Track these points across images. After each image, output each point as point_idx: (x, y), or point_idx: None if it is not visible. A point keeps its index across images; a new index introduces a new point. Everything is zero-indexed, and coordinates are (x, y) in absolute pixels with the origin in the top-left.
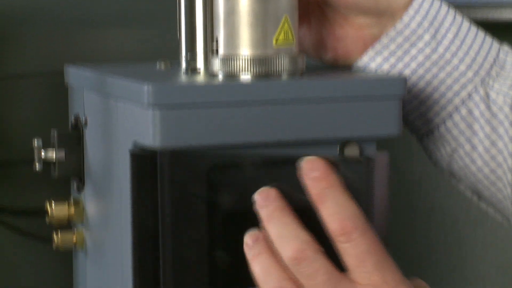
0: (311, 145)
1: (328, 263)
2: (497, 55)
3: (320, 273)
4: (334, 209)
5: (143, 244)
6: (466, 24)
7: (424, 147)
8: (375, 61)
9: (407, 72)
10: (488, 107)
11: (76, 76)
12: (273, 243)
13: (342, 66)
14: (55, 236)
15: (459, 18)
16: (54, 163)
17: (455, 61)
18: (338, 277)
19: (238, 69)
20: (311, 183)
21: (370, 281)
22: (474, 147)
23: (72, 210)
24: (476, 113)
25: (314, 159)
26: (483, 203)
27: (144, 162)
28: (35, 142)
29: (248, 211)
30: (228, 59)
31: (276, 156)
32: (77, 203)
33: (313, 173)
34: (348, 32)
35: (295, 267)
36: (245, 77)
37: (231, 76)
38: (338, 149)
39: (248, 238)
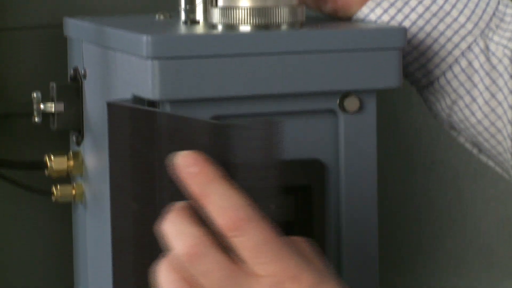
0: (311, 97)
1: (223, 258)
2: (497, 7)
3: (215, 269)
4: (221, 203)
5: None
6: None
7: (424, 99)
8: (375, 12)
9: (406, 23)
10: (488, 59)
11: (75, 28)
12: (169, 246)
13: (341, 17)
14: (54, 189)
15: None
16: (53, 116)
17: (455, 12)
18: (236, 272)
19: (237, 20)
20: (191, 180)
21: (270, 272)
22: (474, 99)
23: (71, 163)
24: (476, 64)
25: (190, 153)
26: (483, 155)
27: (121, 113)
28: (34, 94)
29: (247, 164)
30: (228, 10)
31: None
32: (76, 156)
33: (192, 168)
34: None
35: (189, 265)
36: (245, 28)
37: (230, 27)
38: (338, 101)
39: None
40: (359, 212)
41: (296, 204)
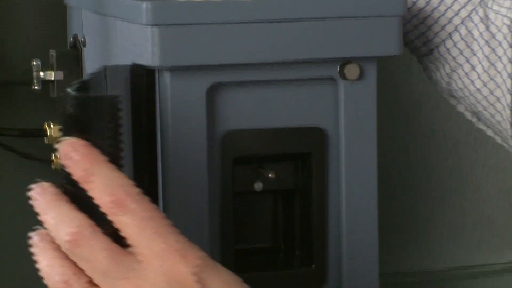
0: (311, 65)
1: (107, 241)
2: None
3: (99, 253)
4: (103, 183)
5: None
6: None
7: (424, 67)
8: None
9: None
10: (487, 28)
11: None
12: (51, 233)
13: None
14: (53, 157)
15: None
16: (53, 84)
17: None
18: (120, 254)
19: None
20: (74, 165)
21: (155, 250)
22: (473, 67)
23: None
24: (476, 33)
25: (71, 140)
26: (482, 125)
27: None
28: (34, 62)
29: (247, 131)
30: None
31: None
32: None
33: (74, 154)
34: None
35: (74, 250)
36: None
37: None
38: (338, 68)
39: (34, 237)
40: (359, 179)
41: (296, 171)
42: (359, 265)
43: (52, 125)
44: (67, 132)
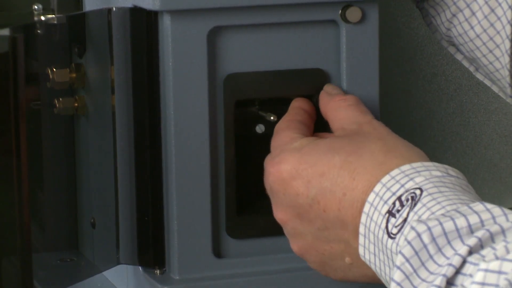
0: (313, 7)
1: None
2: None
3: None
4: None
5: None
6: None
7: (424, 14)
8: None
9: None
10: None
11: None
12: None
13: None
14: (56, 101)
15: None
16: (55, 28)
17: None
18: None
19: None
20: None
21: None
22: (473, 13)
23: (74, 75)
24: None
25: None
26: (480, 74)
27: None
28: (35, 6)
29: (248, 73)
30: None
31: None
32: (78, 68)
33: None
34: None
35: None
36: None
37: None
38: (340, 11)
39: None
40: None
41: None
42: None
43: (54, 69)
44: None
